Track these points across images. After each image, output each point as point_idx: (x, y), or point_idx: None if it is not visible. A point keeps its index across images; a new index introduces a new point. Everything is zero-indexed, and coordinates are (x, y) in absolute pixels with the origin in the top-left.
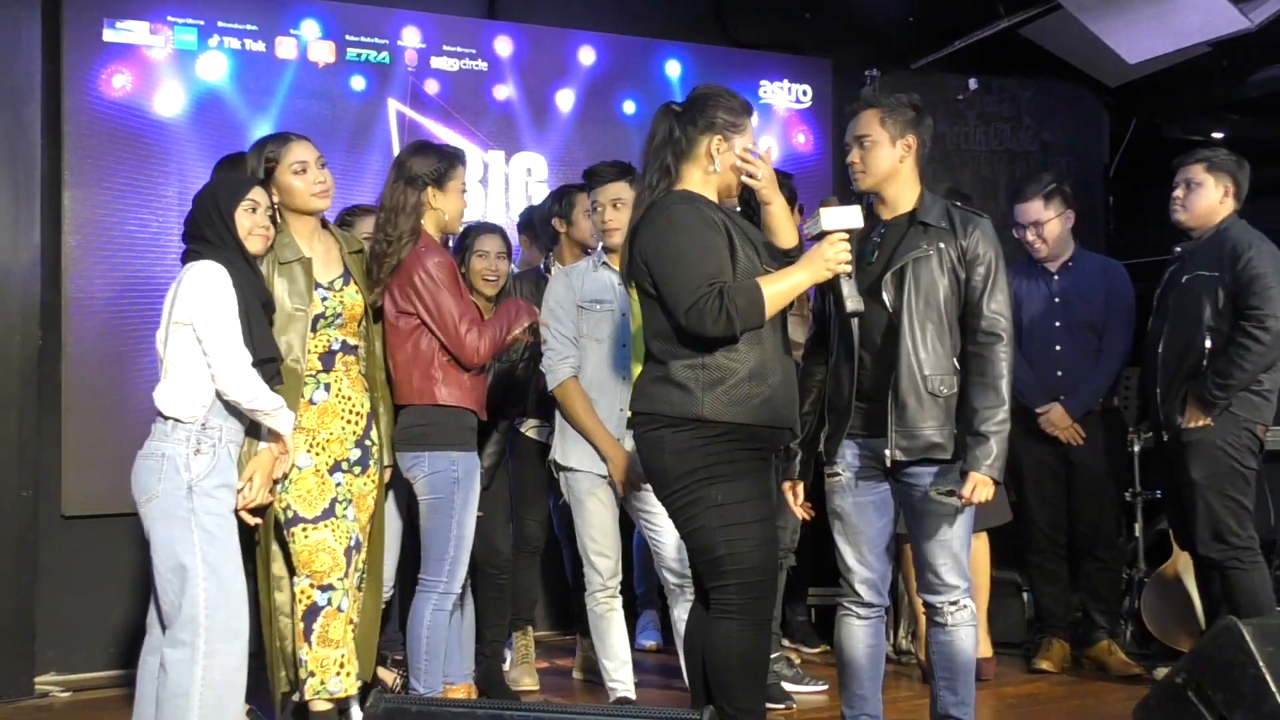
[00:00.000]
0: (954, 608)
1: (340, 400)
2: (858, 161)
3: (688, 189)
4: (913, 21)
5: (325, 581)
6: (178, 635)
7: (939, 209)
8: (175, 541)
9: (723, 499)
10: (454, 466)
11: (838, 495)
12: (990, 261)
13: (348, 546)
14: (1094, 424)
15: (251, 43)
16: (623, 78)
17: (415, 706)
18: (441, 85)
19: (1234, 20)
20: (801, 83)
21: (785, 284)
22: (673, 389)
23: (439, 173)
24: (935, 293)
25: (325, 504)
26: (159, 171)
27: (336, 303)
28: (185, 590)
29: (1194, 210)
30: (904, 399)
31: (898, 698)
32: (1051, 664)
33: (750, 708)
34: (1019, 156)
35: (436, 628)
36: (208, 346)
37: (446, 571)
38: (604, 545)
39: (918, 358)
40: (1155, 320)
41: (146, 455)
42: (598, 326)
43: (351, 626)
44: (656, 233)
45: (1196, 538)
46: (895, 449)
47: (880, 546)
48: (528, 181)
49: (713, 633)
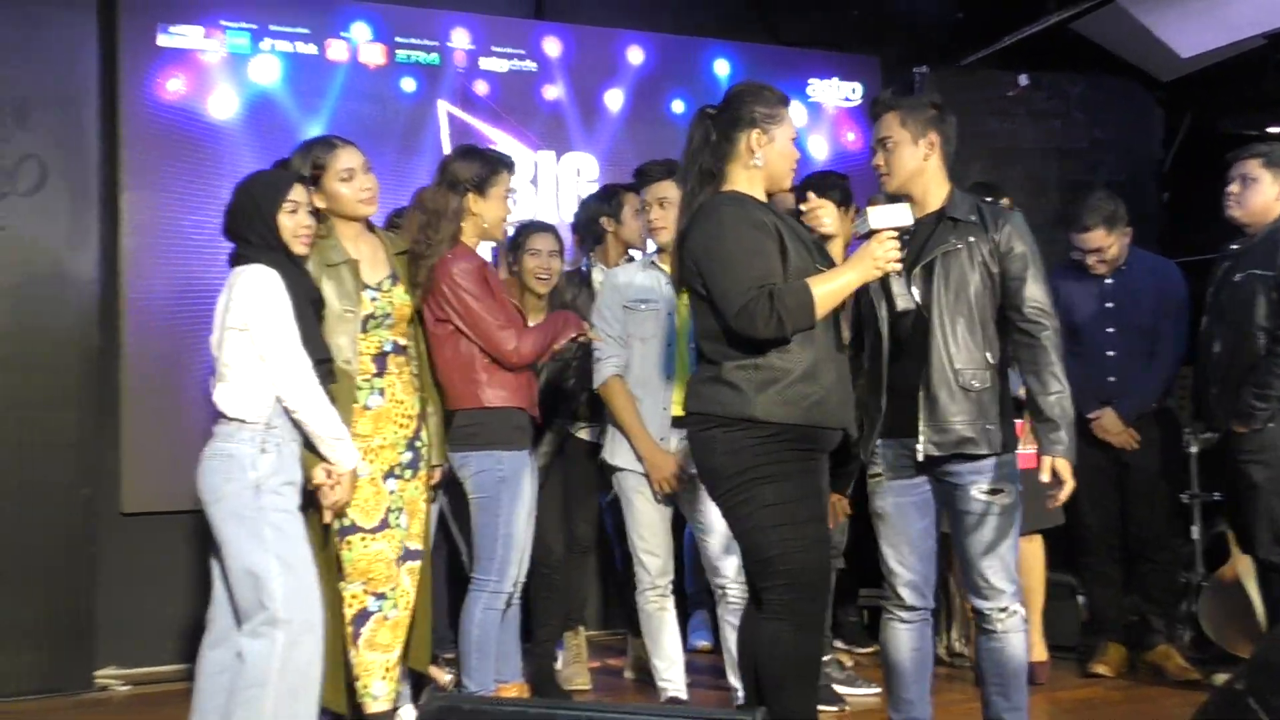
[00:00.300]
0: (1003, 614)
1: (394, 405)
2: (882, 164)
3: (735, 190)
4: (961, 18)
5: (379, 590)
6: (257, 628)
7: (968, 204)
8: (247, 540)
9: (774, 499)
10: (500, 466)
11: (878, 496)
12: (1025, 253)
13: (400, 556)
14: (1148, 425)
15: (303, 46)
16: (671, 77)
17: (468, 705)
18: (491, 86)
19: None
20: (850, 80)
21: (835, 284)
22: (725, 389)
23: (481, 178)
24: (966, 287)
25: (381, 514)
26: (213, 174)
27: (386, 303)
28: (262, 587)
29: (1249, 206)
30: (935, 393)
31: (950, 700)
32: (1107, 668)
33: (801, 709)
34: (1069, 153)
35: (487, 626)
36: (268, 354)
37: (496, 570)
38: (652, 544)
39: (948, 352)
40: (1208, 320)
41: (212, 456)
42: (643, 325)
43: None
44: (705, 235)
45: (1257, 540)
46: (927, 444)
47: (923, 548)
48: (577, 181)
49: (763, 633)
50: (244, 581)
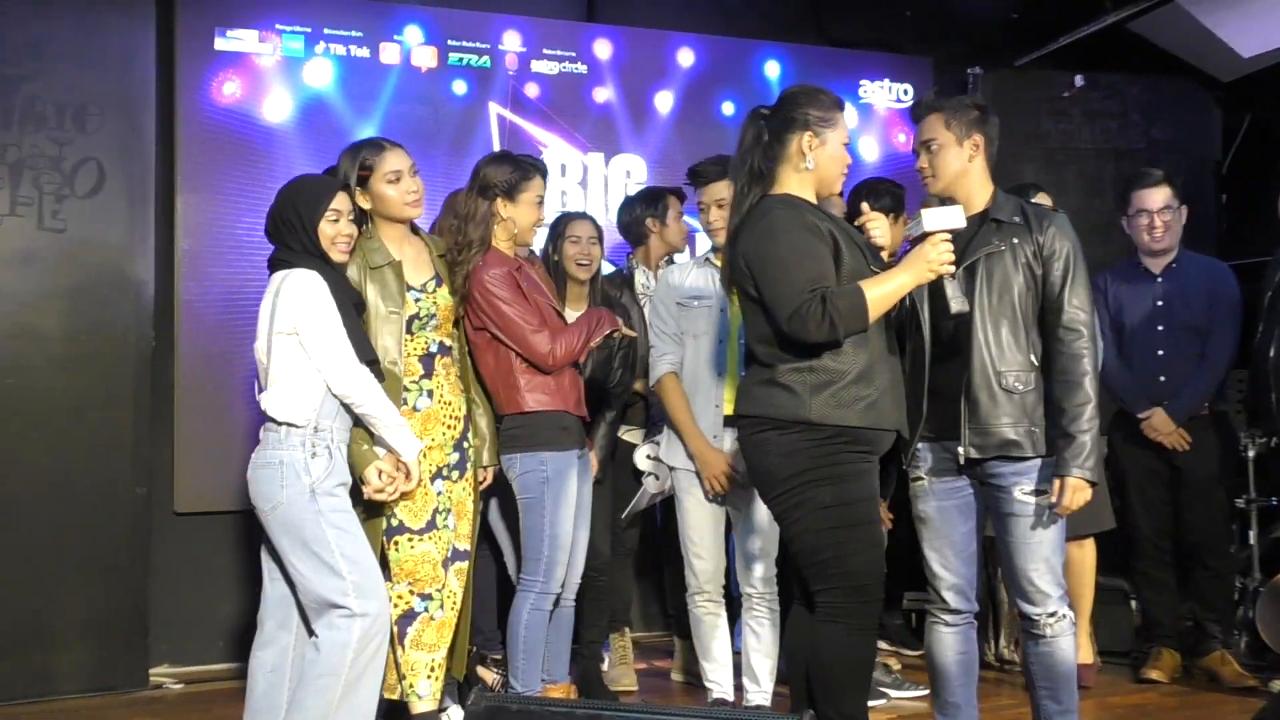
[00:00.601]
0: (1051, 619)
1: (442, 406)
2: (926, 166)
3: (787, 193)
4: (1016, 18)
5: (425, 590)
6: (334, 621)
7: (1012, 205)
8: (311, 543)
9: (830, 501)
10: (543, 466)
11: (920, 500)
12: (1068, 256)
13: (446, 557)
14: (1202, 429)
15: (356, 49)
16: (721, 79)
17: (515, 705)
18: (541, 88)
19: None
20: (902, 82)
21: (888, 286)
22: (779, 391)
23: (510, 183)
24: (1009, 289)
25: (429, 515)
26: (267, 176)
27: (430, 304)
28: (334, 586)
29: None
30: (976, 395)
31: (999, 705)
32: (1161, 674)
33: (854, 712)
34: (1126, 154)
35: (534, 627)
36: (318, 355)
37: (543, 571)
38: (701, 547)
39: (990, 354)
40: (1266, 323)
41: (265, 464)
42: (696, 322)
43: (449, 631)
44: (757, 238)
45: None
46: (969, 446)
47: (966, 551)
48: (626, 184)
49: (819, 637)
50: (312, 582)
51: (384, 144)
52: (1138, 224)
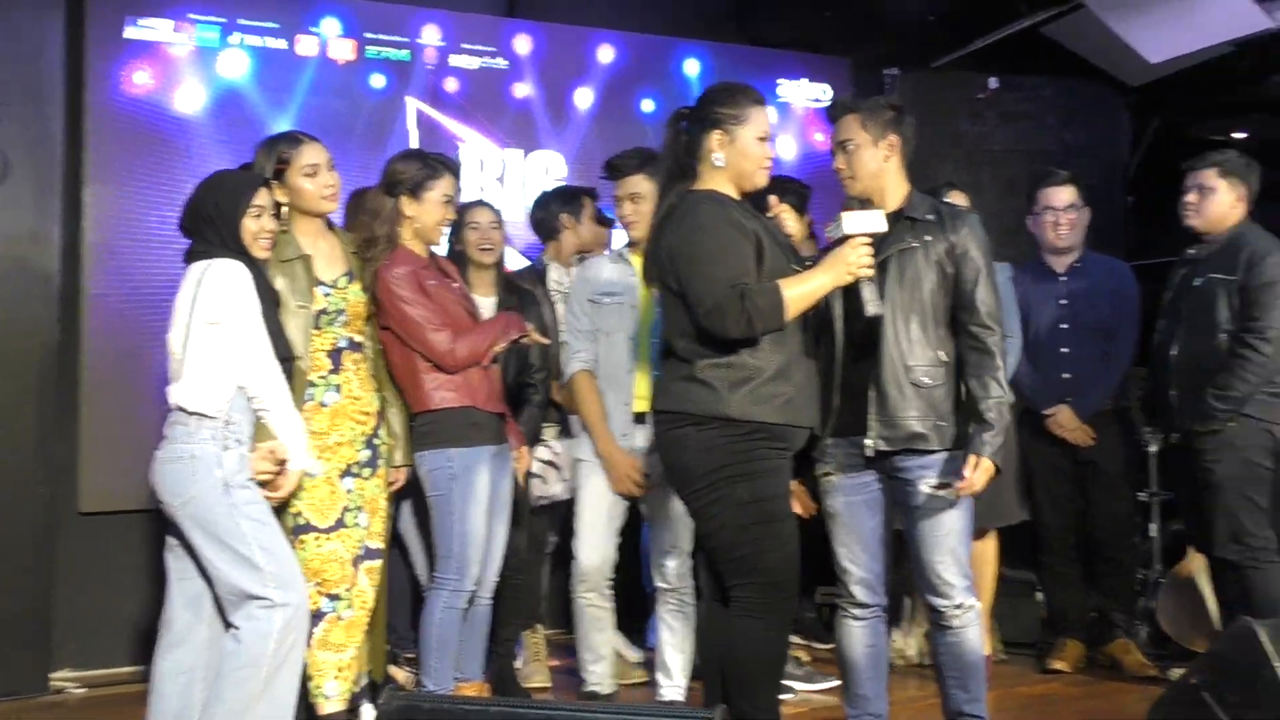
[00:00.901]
0: (958, 610)
1: (350, 401)
2: (844, 167)
3: (712, 189)
4: (933, 20)
5: (333, 590)
6: (253, 612)
7: (926, 205)
8: (226, 537)
9: (747, 497)
10: (450, 463)
11: (829, 495)
12: (979, 257)
13: (356, 556)
14: (1106, 425)
15: (272, 40)
16: (642, 76)
17: (428, 704)
18: (461, 83)
19: (1257, 19)
20: (820, 81)
21: (807, 286)
22: (698, 387)
23: (416, 181)
24: (920, 285)
25: (337, 514)
26: (179, 168)
27: (340, 299)
28: (250, 578)
29: (1207, 215)
30: (885, 389)
31: (909, 697)
32: (1066, 664)
33: (768, 706)
34: (1040, 156)
35: (446, 625)
36: (240, 349)
37: (455, 569)
38: (593, 540)
39: (900, 349)
40: (1166, 323)
41: (174, 458)
42: (608, 319)
43: (359, 632)
44: (683, 233)
45: (1214, 539)
46: (877, 439)
47: (874, 546)
48: (545, 179)
49: (734, 632)
50: (230, 575)
51: (301, 137)
52: (1043, 221)
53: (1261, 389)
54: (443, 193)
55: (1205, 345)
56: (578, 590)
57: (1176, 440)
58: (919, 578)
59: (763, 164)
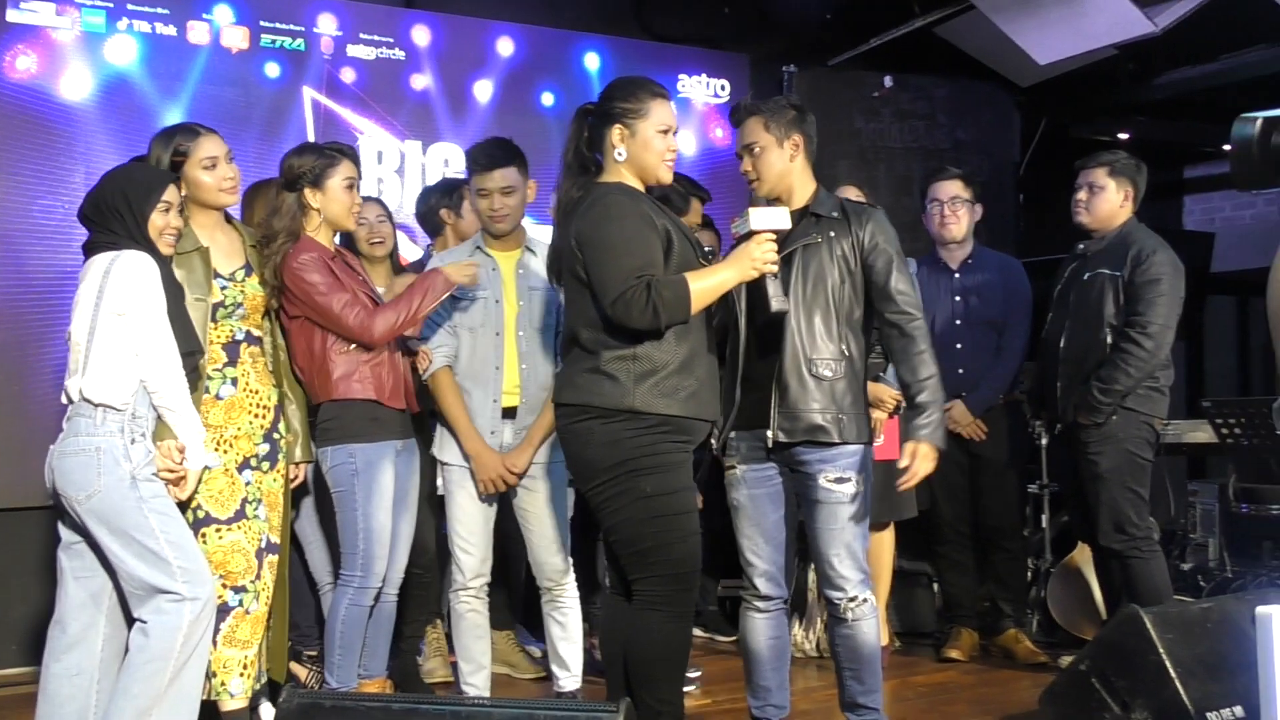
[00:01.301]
0: (854, 604)
1: (247, 394)
2: (750, 169)
3: (621, 181)
4: (830, 18)
5: (238, 583)
6: (162, 606)
7: (832, 202)
8: (134, 531)
9: (652, 491)
10: (352, 459)
11: (733, 488)
12: (888, 248)
13: (259, 548)
14: (997, 418)
15: (162, 27)
16: (541, 69)
17: (330, 701)
18: (358, 74)
19: (1140, 24)
20: (719, 77)
21: (712, 280)
22: (603, 380)
23: (315, 172)
24: (824, 280)
25: (237, 504)
26: (65, 157)
27: (237, 292)
28: (159, 573)
29: (1096, 213)
30: (786, 380)
31: (810, 688)
32: (961, 653)
33: (671, 698)
34: (933, 153)
35: (351, 622)
36: (145, 342)
37: (360, 566)
38: (469, 543)
39: (801, 340)
40: (1055, 316)
41: (77, 451)
42: (470, 315)
43: (263, 627)
44: (593, 221)
45: (1098, 529)
46: (777, 430)
47: (777, 539)
48: (445, 172)
49: (637, 624)
50: (138, 570)
51: (199, 129)
52: (931, 214)
53: (1143, 383)
54: (344, 178)
55: (1091, 339)
56: (458, 597)
57: (1060, 431)
58: (817, 570)
59: (665, 157)
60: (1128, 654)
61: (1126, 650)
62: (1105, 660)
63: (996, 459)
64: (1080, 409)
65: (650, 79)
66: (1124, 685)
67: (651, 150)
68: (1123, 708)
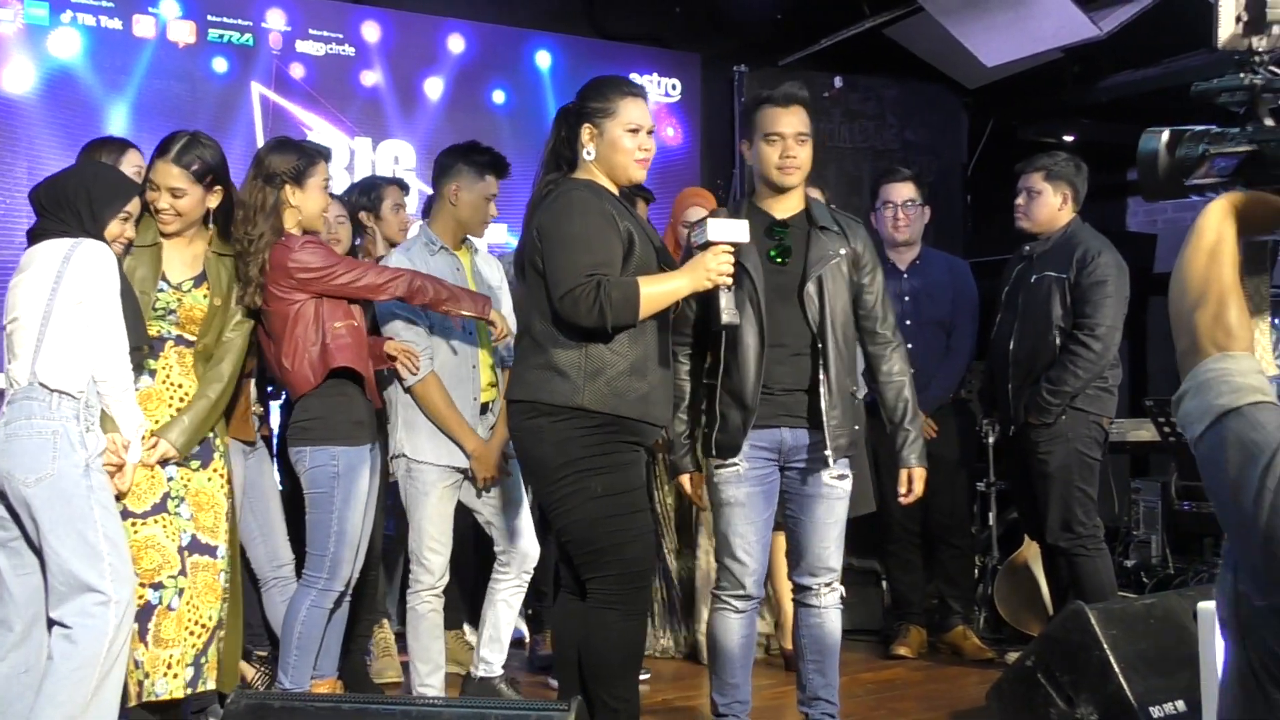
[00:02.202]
0: (828, 589)
1: (168, 387)
2: (796, 156)
3: (590, 180)
4: (780, 19)
5: (155, 580)
6: (88, 608)
7: (826, 211)
8: (77, 521)
9: (603, 491)
10: (334, 461)
11: (732, 485)
12: (878, 265)
13: (180, 545)
14: (946, 416)
15: (107, 20)
16: (492, 67)
17: (279, 702)
18: (307, 69)
19: (1085, 28)
20: (671, 76)
21: (664, 287)
22: (554, 377)
23: (298, 170)
24: (843, 297)
25: (156, 498)
26: (7, 150)
27: (173, 300)
28: (91, 568)
29: (1035, 218)
30: (836, 402)
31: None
32: (909, 649)
33: (627, 696)
34: (882, 154)
35: (311, 624)
36: (101, 330)
37: (327, 568)
38: (440, 542)
39: (843, 362)
40: (1004, 318)
41: (33, 433)
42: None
43: (190, 627)
44: (555, 214)
45: (1047, 527)
46: (834, 450)
47: (765, 537)
48: (395, 169)
49: (593, 623)
50: (71, 563)
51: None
52: (883, 215)
53: (1092, 383)
54: (322, 179)
55: (1040, 341)
56: (421, 597)
57: (1012, 432)
58: (798, 562)
59: (635, 156)
60: (1073, 650)
61: (1072, 646)
62: (1051, 656)
63: (946, 458)
64: (1030, 409)
65: (624, 79)
66: (1069, 681)
67: (619, 149)
68: (1068, 703)
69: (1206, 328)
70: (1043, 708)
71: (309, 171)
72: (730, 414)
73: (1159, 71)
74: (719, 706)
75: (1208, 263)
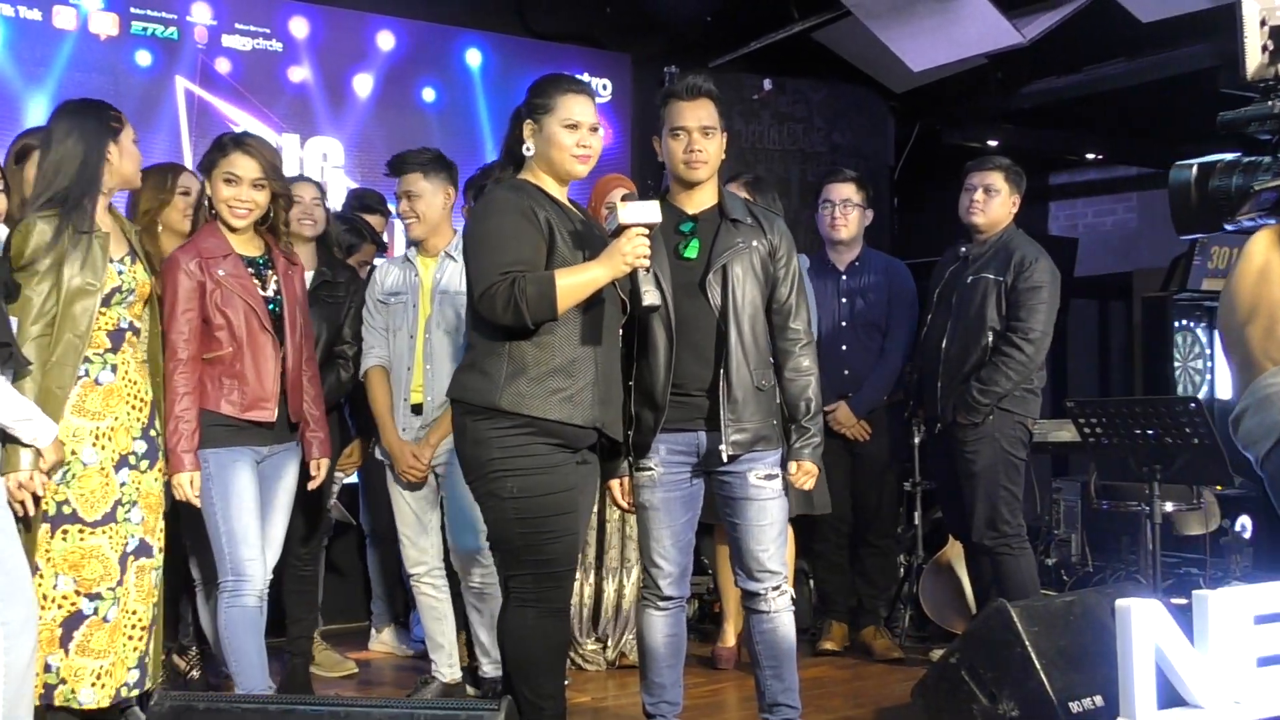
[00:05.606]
0: (776, 593)
1: (126, 384)
2: (702, 150)
3: (524, 178)
4: (710, 20)
5: (93, 590)
6: None
7: (740, 205)
8: None
9: (517, 492)
10: (206, 464)
11: (647, 490)
12: (794, 259)
13: (123, 553)
14: (879, 418)
15: (26, 10)
16: (422, 64)
17: (203, 704)
18: (234, 64)
19: (1009, 35)
20: (601, 76)
21: (580, 278)
22: (476, 376)
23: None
24: (750, 288)
25: (107, 507)
26: None
27: (131, 278)
28: None
29: (991, 215)
30: (736, 394)
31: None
32: (834, 643)
33: (552, 693)
34: (811, 156)
35: (235, 626)
36: None
37: (230, 570)
38: (409, 531)
39: (745, 353)
40: (936, 317)
41: None
42: (394, 318)
43: (129, 632)
44: (474, 216)
45: (972, 526)
46: (729, 445)
47: (685, 540)
48: (323, 166)
49: (510, 621)
50: None
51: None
52: (823, 214)
53: (1008, 394)
54: (224, 172)
55: (973, 341)
56: (414, 580)
57: (939, 430)
58: (740, 566)
59: (573, 151)
60: (995, 646)
61: (994, 643)
62: (974, 653)
63: (878, 458)
64: (959, 408)
65: (570, 76)
66: (992, 677)
67: (555, 144)
68: (990, 699)
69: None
70: (966, 704)
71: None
72: (643, 414)
73: (1079, 79)
74: (646, 706)
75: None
